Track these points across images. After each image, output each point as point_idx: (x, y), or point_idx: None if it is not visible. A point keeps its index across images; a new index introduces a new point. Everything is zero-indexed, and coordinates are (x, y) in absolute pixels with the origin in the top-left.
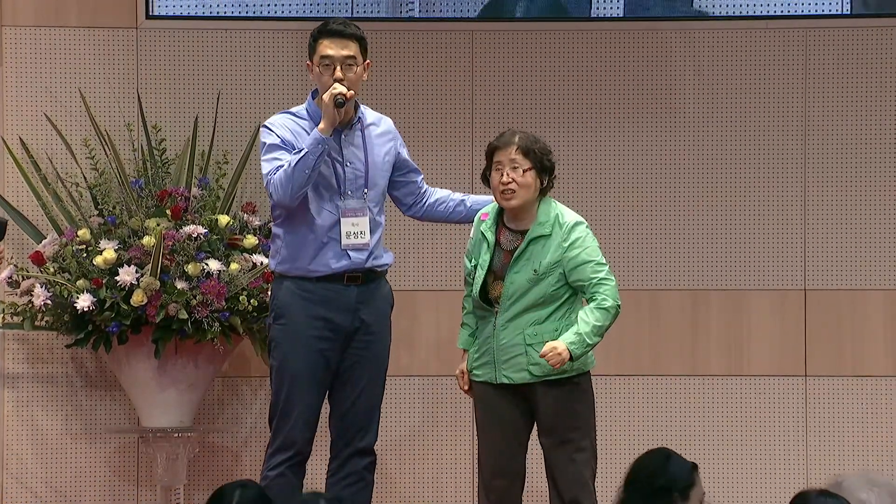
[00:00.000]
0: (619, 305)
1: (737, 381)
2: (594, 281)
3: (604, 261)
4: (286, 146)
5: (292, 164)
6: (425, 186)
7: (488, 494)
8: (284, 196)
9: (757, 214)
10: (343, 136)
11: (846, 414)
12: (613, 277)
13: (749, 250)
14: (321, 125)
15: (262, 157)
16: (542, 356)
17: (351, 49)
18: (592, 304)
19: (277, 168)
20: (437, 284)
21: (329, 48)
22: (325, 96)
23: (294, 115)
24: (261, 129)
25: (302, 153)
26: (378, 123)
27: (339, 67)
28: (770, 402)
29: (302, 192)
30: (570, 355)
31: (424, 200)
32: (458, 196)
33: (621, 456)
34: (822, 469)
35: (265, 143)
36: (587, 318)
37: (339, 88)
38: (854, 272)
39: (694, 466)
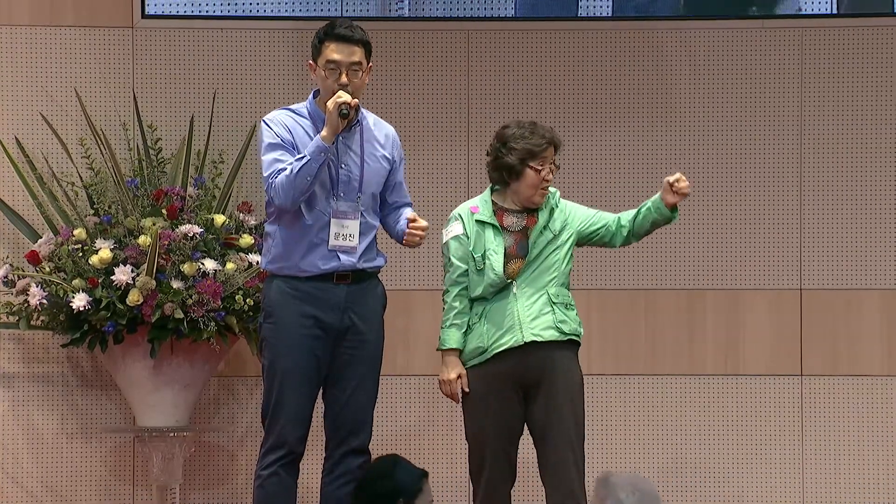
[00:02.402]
0: None
1: (733, 380)
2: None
3: None
4: (285, 145)
5: (294, 171)
6: (404, 209)
7: (477, 491)
8: (286, 200)
9: (753, 214)
10: (340, 138)
11: (842, 413)
12: None
13: (745, 250)
14: (324, 132)
15: (262, 156)
16: (676, 180)
17: (357, 55)
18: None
19: (278, 171)
20: (434, 284)
21: (336, 53)
22: (330, 104)
23: (294, 111)
24: (260, 124)
25: (304, 160)
26: (380, 129)
27: (345, 73)
28: (766, 401)
29: (303, 197)
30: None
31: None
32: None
33: (618, 456)
34: (818, 469)
35: (264, 142)
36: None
37: (343, 97)
38: (850, 272)
39: (423, 474)
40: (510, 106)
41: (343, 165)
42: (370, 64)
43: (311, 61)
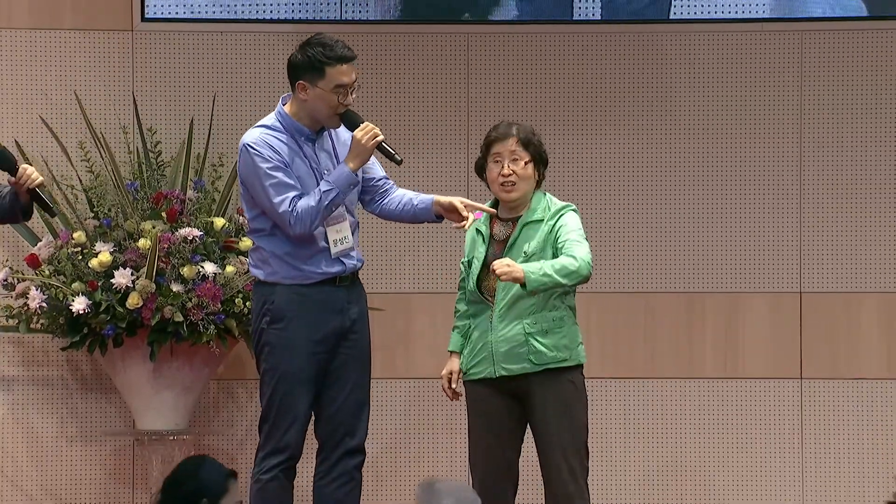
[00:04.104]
0: (589, 266)
1: (732, 383)
2: (570, 241)
3: (584, 236)
4: (282, 166)
5: (324, 203)
6: (390, 185)
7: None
8: (307, 230)
9: (753, 217)
10: (316, 144)
11: (841, 417)
12: (589, 249)
13: (745, 253)
14: (353, 165)
15: (266, 184)
16: (493, 268)
17: (355, 72)
18: (564, 254)
19: (294, 198)
20: (433, 287)
21: (345, 75)
22: (367, 140)
23: (269, 128)
24: (247, 151)
25: (334, 192)
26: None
27: (349, 92)
28: (765, 405)
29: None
30: (524, 279)
31: (383, 199)
32: (410, 195)
33: (617, 459)
34: (818, 472)
35: (260, 167)
36: (555, 260)
37: (381, 135)
38: (849, 275)
39: (231, 474)
40: (510, 109)
41: (326, 171)
42: None
43: (302, 81)
